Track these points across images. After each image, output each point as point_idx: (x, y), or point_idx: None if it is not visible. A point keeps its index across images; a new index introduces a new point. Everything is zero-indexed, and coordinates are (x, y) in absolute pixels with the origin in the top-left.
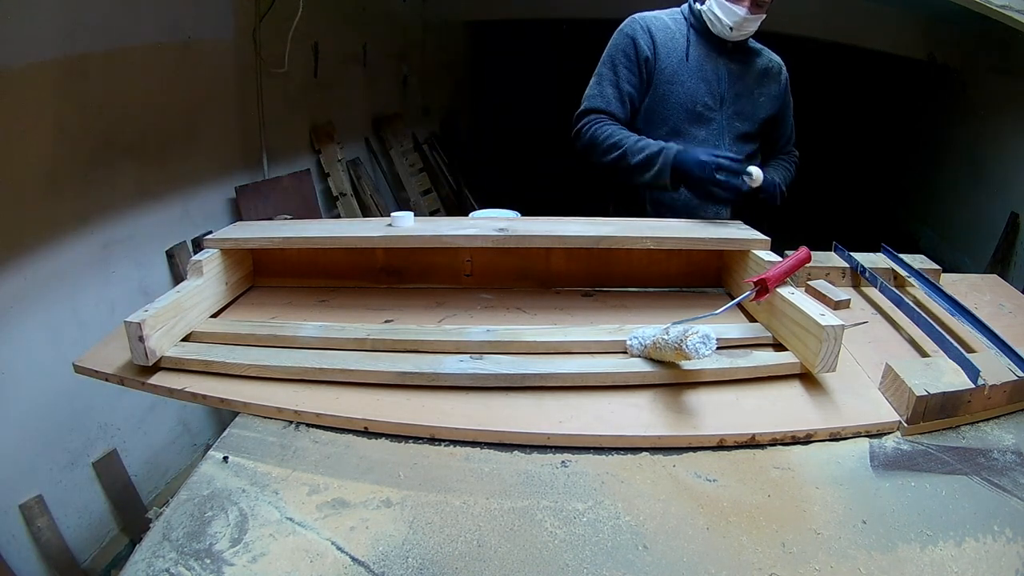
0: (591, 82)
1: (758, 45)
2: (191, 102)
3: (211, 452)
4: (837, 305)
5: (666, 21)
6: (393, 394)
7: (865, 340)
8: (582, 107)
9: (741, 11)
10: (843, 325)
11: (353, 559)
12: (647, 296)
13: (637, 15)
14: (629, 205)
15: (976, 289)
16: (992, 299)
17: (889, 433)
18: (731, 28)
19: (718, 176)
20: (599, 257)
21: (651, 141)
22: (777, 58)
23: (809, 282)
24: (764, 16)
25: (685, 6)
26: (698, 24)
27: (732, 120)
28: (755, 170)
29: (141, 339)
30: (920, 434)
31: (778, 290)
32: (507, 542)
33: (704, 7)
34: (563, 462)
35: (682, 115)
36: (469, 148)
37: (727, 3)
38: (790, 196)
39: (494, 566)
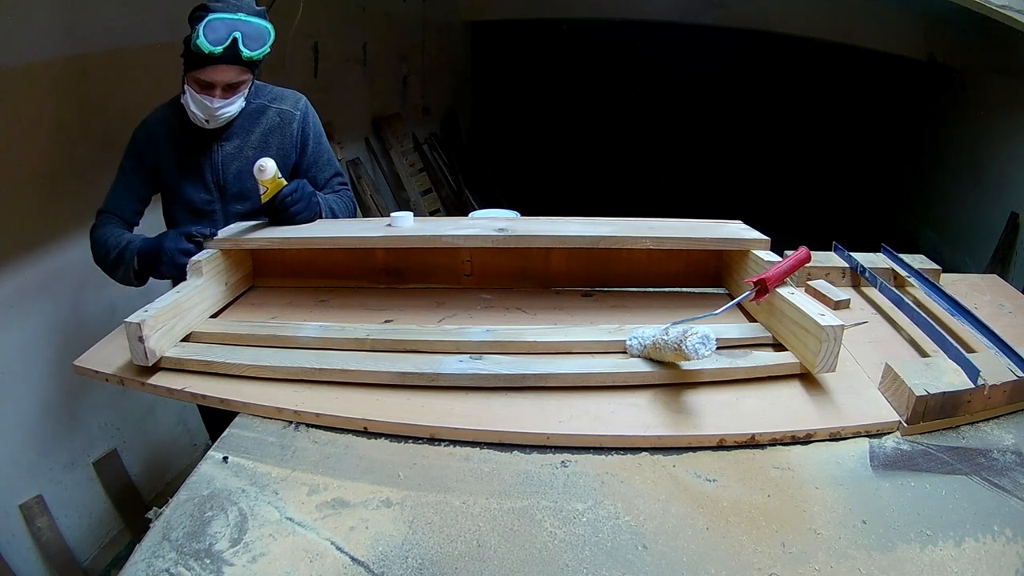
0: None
1: (264, 100)
2: None
3: (211, 452)
4: (837, 305)
5: (168, 117)
6: (393, 394)
7: (865, 340)
8: (100, 207)
9: (213, 102)
10: (843, 325)
11: (353, 559)
12: (647, 296)
13: (152, 115)
14: None
15: (976, 289)
16: (992, 299)
17: (889, 433)
18: (207, 120)
19: (182, 247)
20: (599, 257)
21: (124, 235)
22: (290, 103)
23: (809, 282)
24: (242, 93)
25: (177, 97)
26: (185, 116)
27: (232, 205)
28: (267, 162)
29: (141, 339)
30: (920, 434)
31: (778, 290)
32: (507, 542)
33: (184, 99)
34: (563, 462)
35: (186, 216)
36: (469, 148)
37: (198, 96)
38: (790, 196)
39: (494, 566)
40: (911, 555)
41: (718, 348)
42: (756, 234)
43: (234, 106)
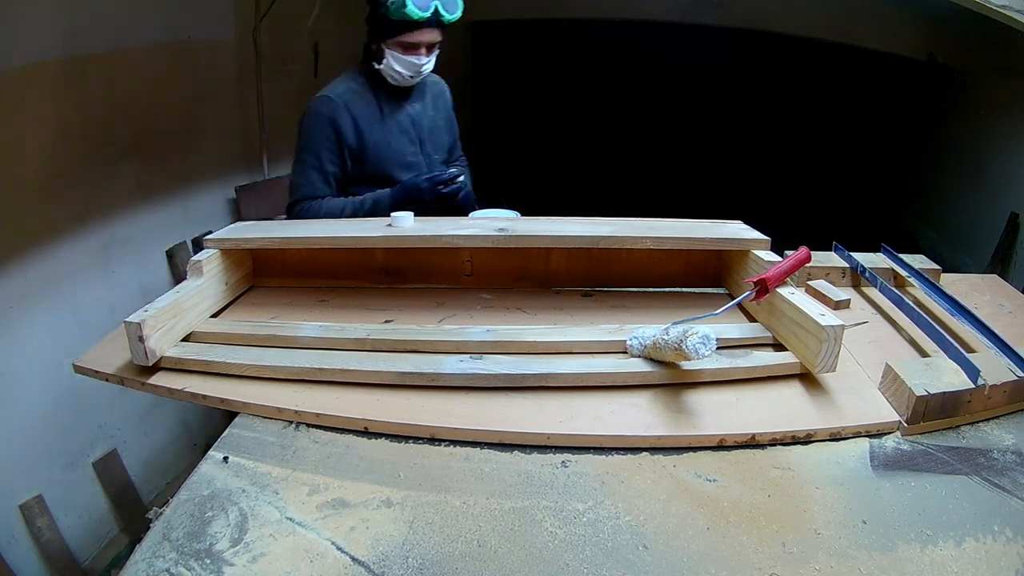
0: (296, 167)
1: None
2: (191, 102)
3: (211, 452)
4: (837, 305)
5: (355, 88)
6: (393, 394)
7: (865, 340)
8: (291, 200)
9: (419, 60)
10: (843, 325)
11: (353, 559)
12: (647, 296)
13: (324, 94)
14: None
15: (976, 289)
16: (992, 299)
17: (889, 433)
18: (411, 76)
19: (443, 189)
20: (599, 257)
21: (355, 199)
22: (434, 75)
23: (809, 282)
24: (437, 52)
25: (356, 71)
26: (381, 83)
27: (431, 156)
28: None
29: (141, 339)
30: (920, 434)
31: (778, 290)
32: (507, 542)
33: (383, 66)
34: (563, 462)
35: (397, 170)
36: (469, 148)
37: (404, 57)
38: (790, 196)
39: (494, 566)
40: (911, 555)
41: (718, 348)
42: (756, 234)
43: (432, 64)
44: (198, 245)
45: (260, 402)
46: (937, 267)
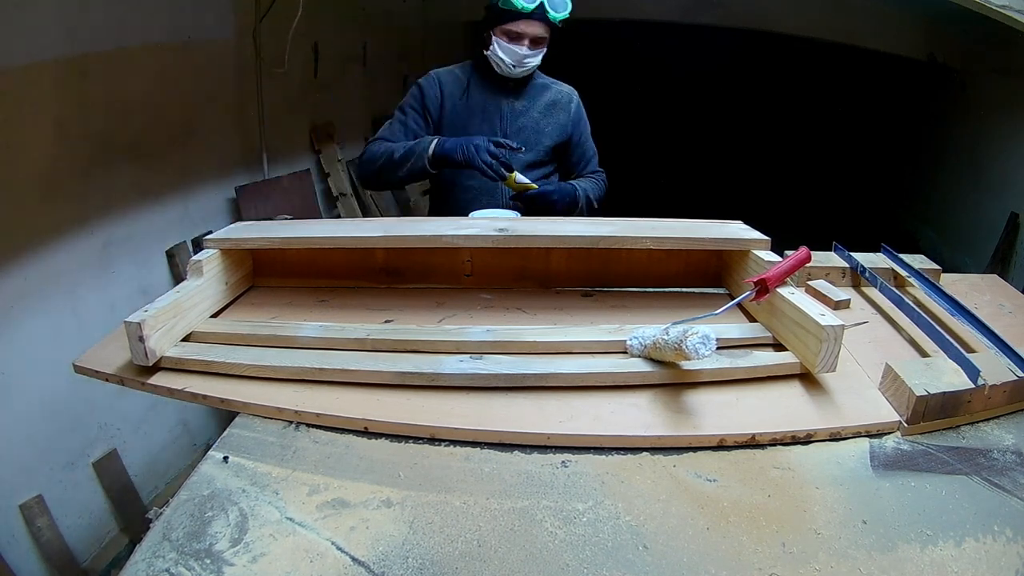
0: (385, 123)
1: (547, 80)
2: (191, 102)
3: (211, 452)
4: (837, 305)
5: (457, 73)
6: (393, 394)
7: (865, 340)
8: (371, 137)
9: (522, 50)
10: (843, 325)
11: (353, 559)
12: (647, 296)
13: (435, 71)
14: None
15: (976, 289)
16: (992, 299)
17: (889, 433)
18: (514, 66)
19: (491, 149)
20: (599, 257)
21: (412, 141)
22: (567, 89)
23: (809, 282)
24: (543, 50)
25: (470, 58)
26: (482, 70)
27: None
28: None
29: (141, 339)
30: (920, 434)
31: (778, 290)
32: (507, 542)
33: (489, 52)
34: (563, 462)
35: None
36: None
37: (508, 45)
38: (790, 196)
39: (494, 566)
40: (911, 555)
41: (718, 348)
42: (756, 234)
43: (536, 59)
44: (198, 245)
45: (260, 402)
46: (937, 267)
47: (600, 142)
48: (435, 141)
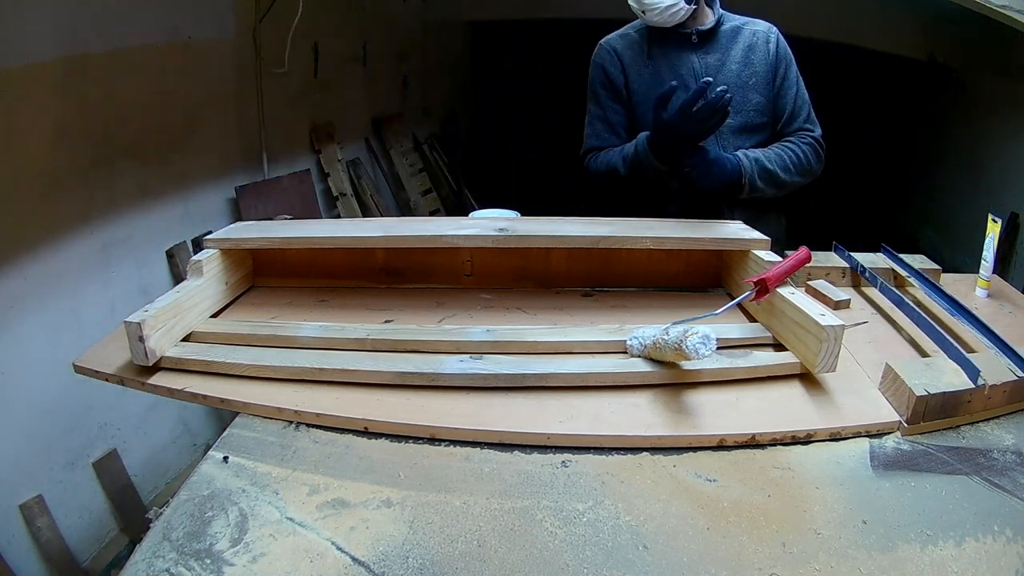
0: (585, 122)
1: (738, 20)
2: (191, 102)
3: (211, 452)
4: (837, 305)
5: (633, 37)
6: (393, 394)
7: (865, 340)
8: (581, 152)
9: None
10: (843, 325)
11: (353, 559)
12: (647, 296)
13: (605, 39)
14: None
15: (976, 289)
16: (992, 299)
17: (889, 433)
18: (658, 12)
19: (699, 105)
20: (599, 257)
21: (626, 145)
22: (762, 25)
23: (809, 282)
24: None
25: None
26: (657, 29)
27: None
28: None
29: (141, 339)
30: (920, 434)
31: (778, 290)
32: (507, 542)
33: (633, 2)
34: (563, 462)
35: None
36: (469, 148)
37: None
38: (789, 196)
39: (494, 566)
40: (911, 555)
41: (718, 348)
42: (756, 234)
43: (680, 3)
44: (198, 245)
45: (260, 402)
46: (937, 267)
47: None
48: (645, 147)
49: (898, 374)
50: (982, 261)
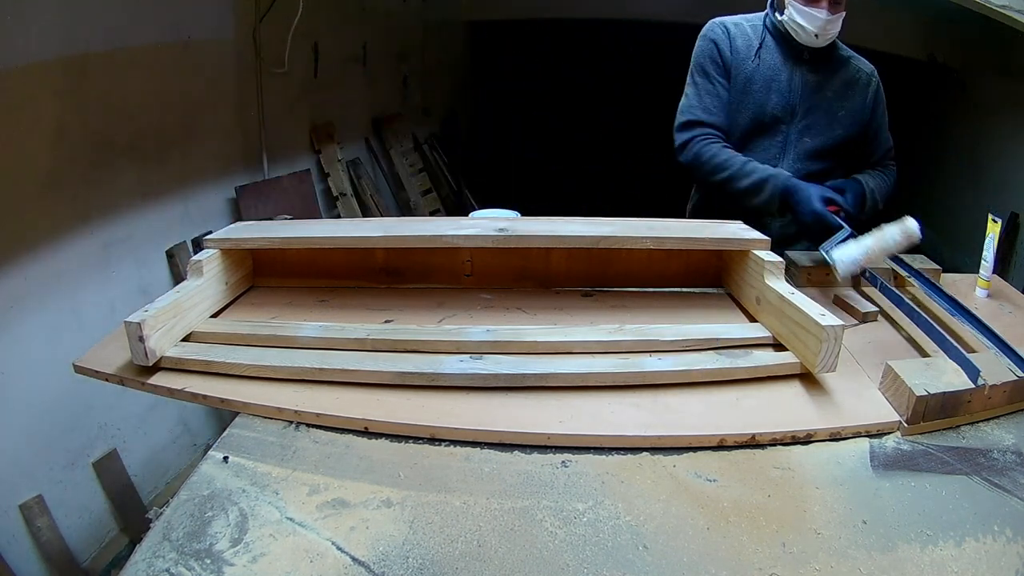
0: (686, 91)
1: (848, 52)
2: (191, 102)
3: (211, 452)
4: (865, 317)
5: (745, 27)
6: (393, 394)
7: (865, 340)
8: (682, 119)
9: (821, 14)
10: (843, 325)
11: (353, 559)
12: (647, 296)
13: (718, 19)
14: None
15: (976, 289)
16: (992, 299)
17: (889, 433)
18: (816, 35)
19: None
20: (599, 257)
21: (758, 165)
22: (868, 66)
23: (835, 291)
24: (843, 14)
25: (764, 14)
26: (776, 32)
27: (801, 135)
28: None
29: (141, 339)
30: (920, 434)
31: (778, 290)
32: (507, 542)
33: (784, 17)
34: (563, 462)
35: (748, 125)
36: (469, 148)
37: (805, 8)
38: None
39: (494, 566)
40: (911, 555)
41: (718, 348)
42: (756, 234)
43: (838, 24)
44: (198, 245)
45: (260, 402)
46: (937, 267)
47: (599, 141)
48: (781, 191)
49: (898, 374)
50: (982, 261)
